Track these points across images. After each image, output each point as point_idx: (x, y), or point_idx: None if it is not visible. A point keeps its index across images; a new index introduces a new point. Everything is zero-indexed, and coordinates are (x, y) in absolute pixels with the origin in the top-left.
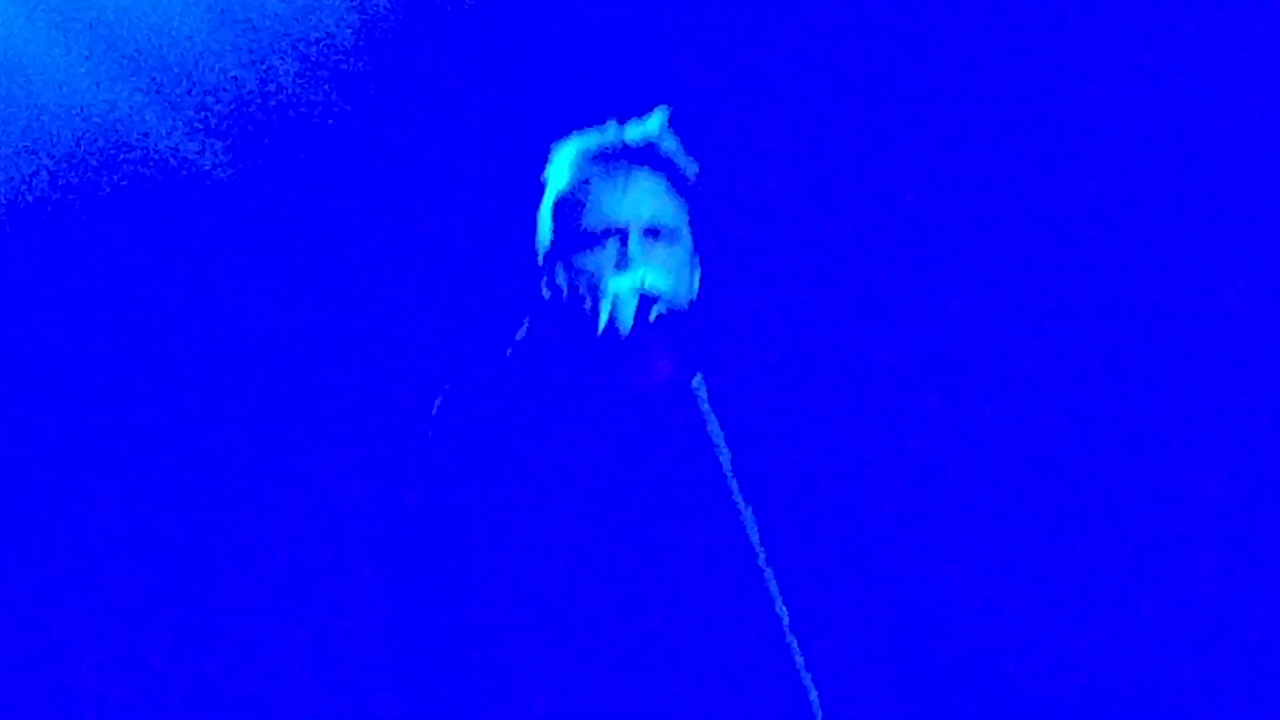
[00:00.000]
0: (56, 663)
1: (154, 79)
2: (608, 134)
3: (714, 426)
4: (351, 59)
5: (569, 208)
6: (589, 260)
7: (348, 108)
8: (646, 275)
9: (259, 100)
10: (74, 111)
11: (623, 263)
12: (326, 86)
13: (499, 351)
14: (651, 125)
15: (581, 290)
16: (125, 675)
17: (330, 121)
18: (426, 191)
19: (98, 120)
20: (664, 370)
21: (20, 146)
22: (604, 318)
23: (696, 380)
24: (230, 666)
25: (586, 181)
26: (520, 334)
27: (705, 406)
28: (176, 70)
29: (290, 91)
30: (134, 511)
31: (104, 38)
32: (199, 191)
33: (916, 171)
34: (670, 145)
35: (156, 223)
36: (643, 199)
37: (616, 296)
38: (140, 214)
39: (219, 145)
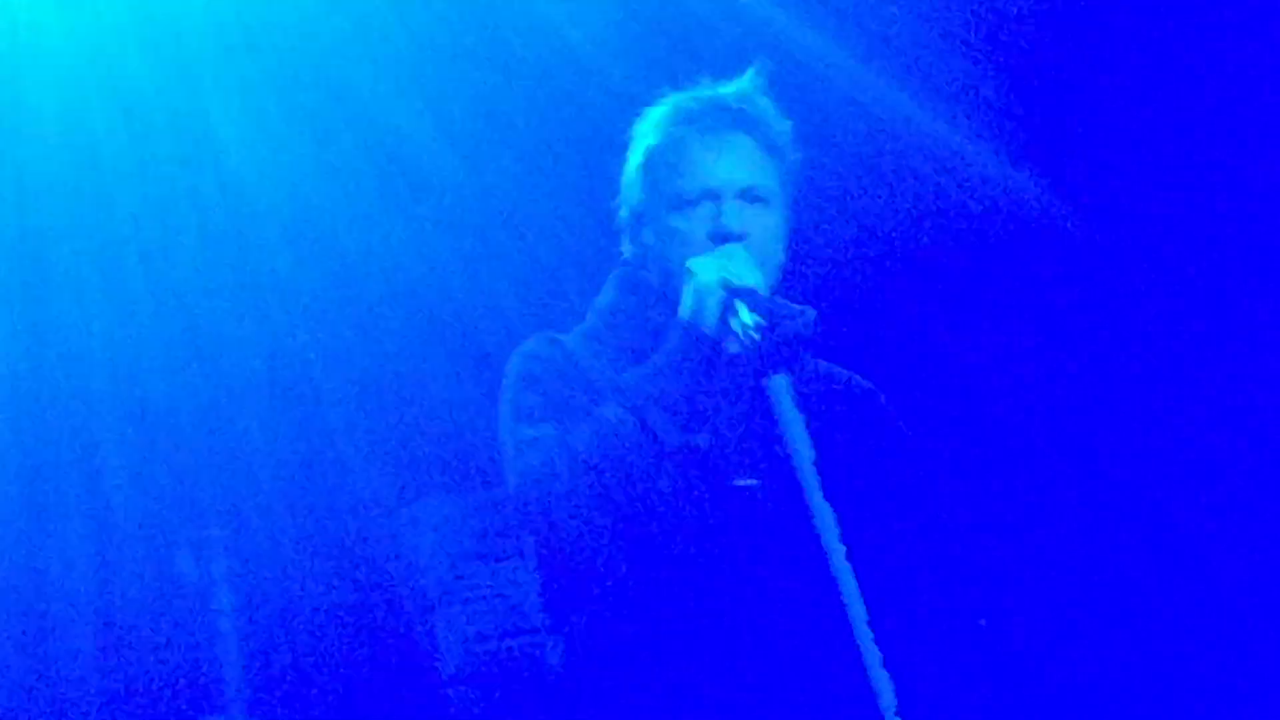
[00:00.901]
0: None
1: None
2: (701, 93)
3: (795, 423)
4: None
5: (661, 168)
6: (681, 222)
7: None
8: (733, 267)
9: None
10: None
11: (718, 226)
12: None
13: (578, 311)
14: (745, 85)
15: (672, 256)
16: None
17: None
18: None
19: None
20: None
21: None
22: (687, 306)
23: (780, 378)
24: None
25: (680, 141)
26: (603, 296)
27: (786, 403)
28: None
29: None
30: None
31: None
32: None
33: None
34: (764, 106)
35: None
36: (739, 161)
37: (701, 290)
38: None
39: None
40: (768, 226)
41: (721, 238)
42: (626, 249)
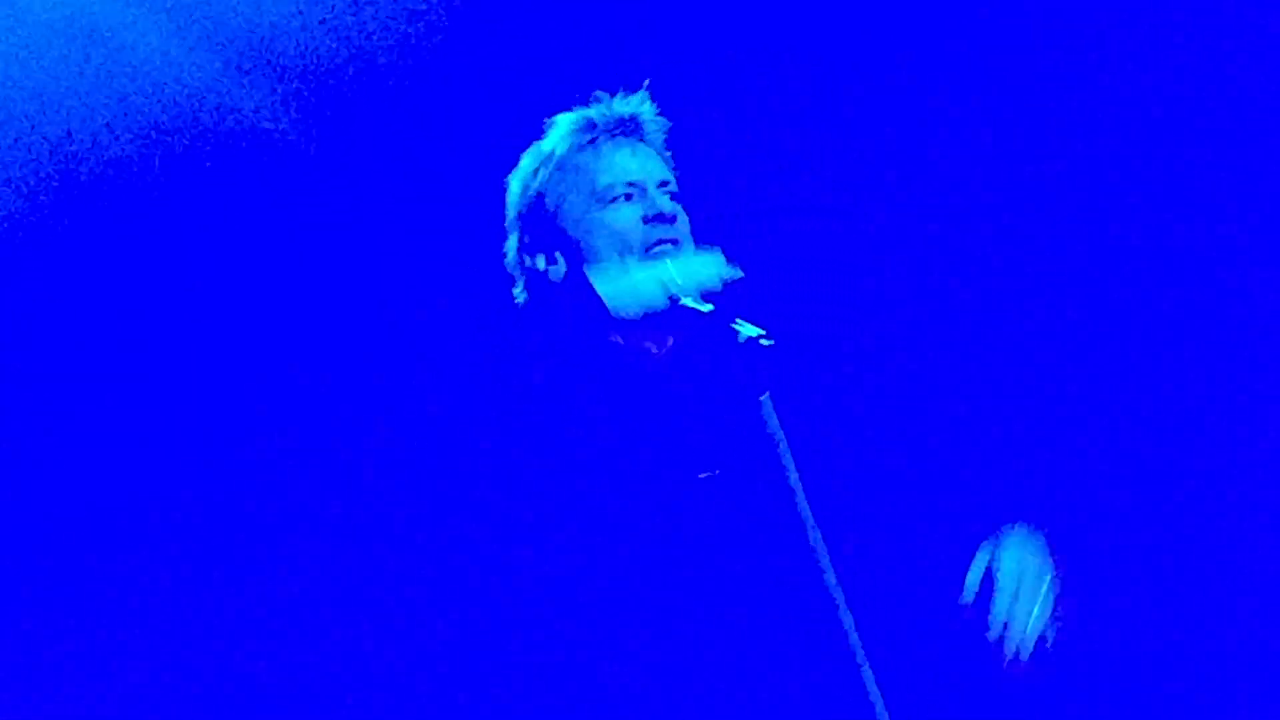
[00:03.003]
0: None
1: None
2: (600, 108)
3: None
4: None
5: (572, 173)
6: (613, 217)
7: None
8: (676, 272)
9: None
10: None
11: (651, 208)
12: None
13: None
14: (636, 98)
15: (604, 248)
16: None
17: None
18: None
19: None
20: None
21: (103, 115)
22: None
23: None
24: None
25: (592, 144)
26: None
27: (773, 418)
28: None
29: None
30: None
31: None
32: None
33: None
34: (652, 114)
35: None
36: (649, 159)
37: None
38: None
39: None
40: (684, 218)
41: (656, 217)
42: (537, 260)
